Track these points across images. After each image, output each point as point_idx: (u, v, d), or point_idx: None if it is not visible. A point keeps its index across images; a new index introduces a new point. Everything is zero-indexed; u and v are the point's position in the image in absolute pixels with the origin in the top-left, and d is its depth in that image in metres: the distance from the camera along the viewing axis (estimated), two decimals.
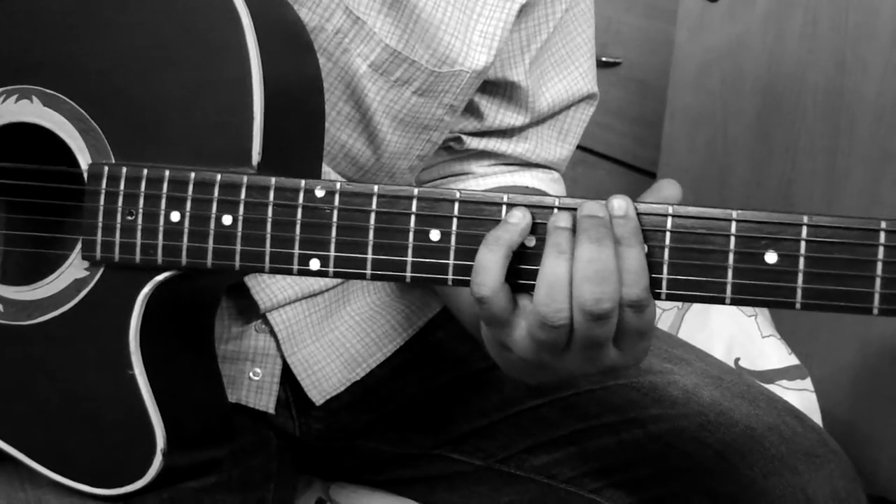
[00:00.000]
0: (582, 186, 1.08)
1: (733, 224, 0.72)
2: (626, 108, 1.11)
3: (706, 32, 1.82)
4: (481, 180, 1.06)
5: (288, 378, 1.03)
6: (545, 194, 1.04)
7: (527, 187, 1.06)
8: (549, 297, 0.73)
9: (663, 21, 1.92)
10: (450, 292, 1.00)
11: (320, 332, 1.03)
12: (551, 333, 0.74)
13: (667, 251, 0.73)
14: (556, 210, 0.74)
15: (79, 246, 0.83)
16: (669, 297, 0.74)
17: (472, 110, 1.04)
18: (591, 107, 1.08)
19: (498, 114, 1.04)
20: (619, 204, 0.73)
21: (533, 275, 0.75)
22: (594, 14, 1.08)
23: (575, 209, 0.74)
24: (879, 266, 0.70)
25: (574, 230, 0.73)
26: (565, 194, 1.09)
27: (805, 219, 0.72)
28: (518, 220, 0.74)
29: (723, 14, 1.80)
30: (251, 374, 1.01)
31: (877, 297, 0.71)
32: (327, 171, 0.97)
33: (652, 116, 1.95)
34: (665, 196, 0.75)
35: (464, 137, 1.04)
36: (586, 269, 0.72)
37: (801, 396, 1.32)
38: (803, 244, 0.72)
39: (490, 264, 0.74)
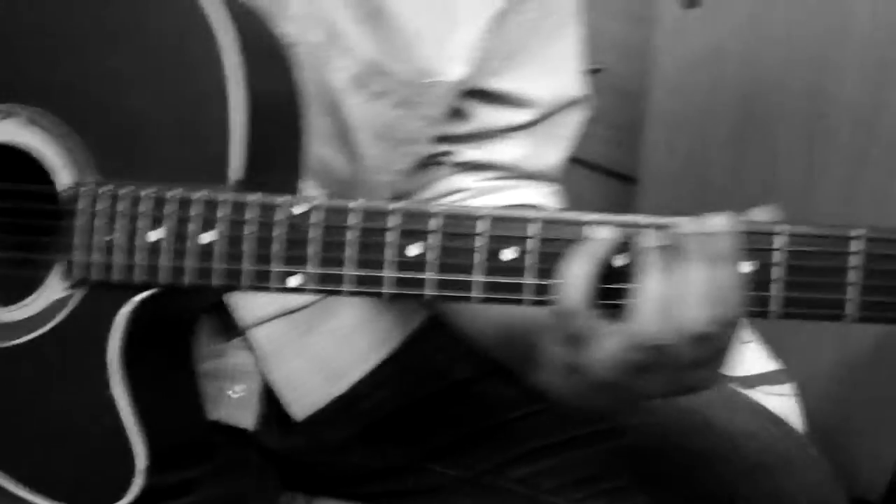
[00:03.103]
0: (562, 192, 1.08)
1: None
2: (607, 115, 1.11)
3: (685, 38, 1.82)
4: (482, 199, 1.03)
5: (268, 394, 1.02)
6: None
7: (528, 205, 1.04)
8: (653, 317, 0.71)
9: (642, 27, 1.92)
10: (468, 314, 0.99)
11: (302, 348, 1.03)
12: (648, 355, 0.72)
13: None
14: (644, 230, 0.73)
15: (58, 266, 0.83)
16: None
17: (458, 113, 1.02)
18: (584, 110, 1.07)
19: (486, 113, 1.02)
20: (723, 222, 0.72)
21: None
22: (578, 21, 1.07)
23: (660, 226, 0.74)
24: (852, 274, 0.71)
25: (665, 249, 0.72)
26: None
27: (779, 228, 0.72)
28: (607, 235, 0.73)
29: (701, 20, 1.80)
30: (231, 392, 1.01)
31: (849, 305, 0.71)
32: (307, 186, 0.97)
33: (632, 122, 1.95)
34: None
35: (455, 150, 1.03)
36: (698, 290, 0.71)
37: (782, 401, 1.33)
38: (779, 254, 0.72)
39: (579, 278, 0.72)
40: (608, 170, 2.06)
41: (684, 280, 0.71)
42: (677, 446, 1.00)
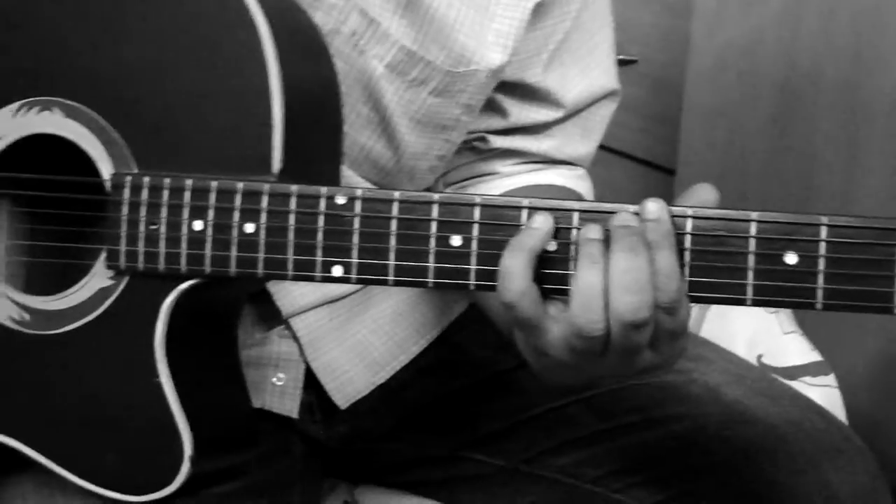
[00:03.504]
0: (599, 185, 1.08)
1: (753, 225, 0.73)
2: (643, 106, 1.10)
3: (722, 28, 1.81)
4: (507, 180, 1.06)
5: (311, 383, 1.03)
6: (573, 192, 1.05)
7: (553, 185, 1.06)
8: (585, 308, 0.73)
9: (678, 17, 1.92)
10: (480, 295, 1.01)
11: (343, 337, 1.03)
12: (588, 343, 0.74)
13: (688, 254, 0.74)
14: (575, 214, 0.75)
15: (103, 255, 0.84)
16: (691, 300, 0.74)
17: (496, 108, 1.04)
18: (613, 103, 1.09)
19: (522, 111, 1.04)
20: (652, 207, 0.73)
21: (560, 279, 0.75)
22: (611, 12, 1.08)
23: (596, 212, 0.74)
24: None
25: (606, 240, 0.74)
26: (592, 190, 1.10)
27: (824, 219, 0.72)
28: (539, 224, 0.75)
29: (738, 9, 1.79)
30: (275, 380, 1.02)
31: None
32: (349, 175, 0.98)
33: (669, 113, 1.94)
34: (701, 200, 0.75)
35: (489, 137, 1.05)
36: (622, 279, 0.72)
37: (825, 392, 1.32)
38: (823, 245, 0.72)
39: (514, 269, 0.74)
40: (646, 161, 2.05)
41: (612, 269, 0.73)
42: (720, 437, 0.99)
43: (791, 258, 0.72)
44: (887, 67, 1.63)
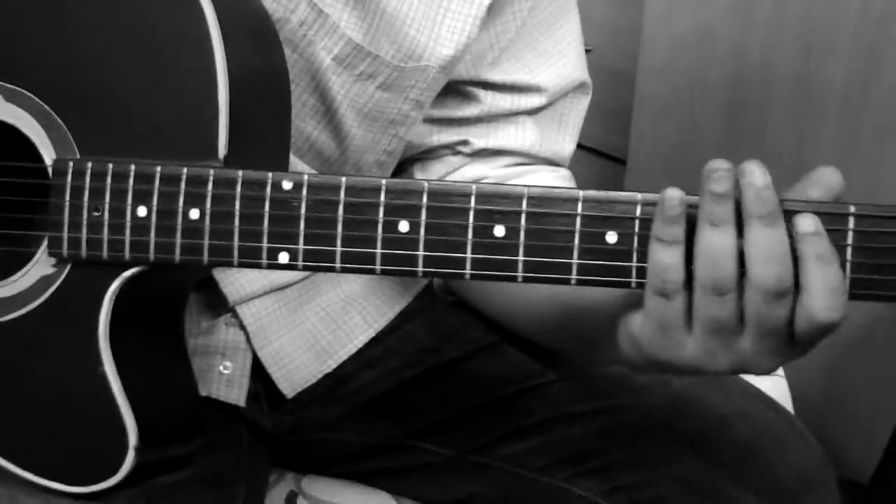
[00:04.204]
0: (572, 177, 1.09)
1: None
2: (596, 95, 1.10)
3: (674, 20, 1.82)
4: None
5: (259, 371, 1.02)
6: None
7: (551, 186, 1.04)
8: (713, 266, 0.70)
9: (632, 8, 1.92)
10: (506, 293, 0.99)
11: (291, 325, 1.03)
12: (720, 306, 0.71)
13: (636, 239, 0.74)
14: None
15: (45, 243, 0.83)
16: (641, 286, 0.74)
17: (466, 97, 1.02)
18: (585, 96, 1.07)
19: (494, 99, 1.03)
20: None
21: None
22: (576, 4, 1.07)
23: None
24: (849, 251, 0.71)
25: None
26: None
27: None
28: (673, 198, 0.72)
29: (690, 1, 1.80)
30: (221, 368, 1.01)
31: (847, 282, 0.71)
32: (294, 162, 0.97)
33: (622, 104, 1.95)
34: (826, 185, 0.72)
35: (471, 140, 1.03)
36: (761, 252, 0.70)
37: (773, 382, 1.32)
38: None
39: (672, 261, 0.71)
40: (599, 151, 2.06)
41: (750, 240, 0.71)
42: (668, 427, 1.00)
43: None
44: (837, 60, 1.64)
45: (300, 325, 1.04)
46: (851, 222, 0.71)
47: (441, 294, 1.10)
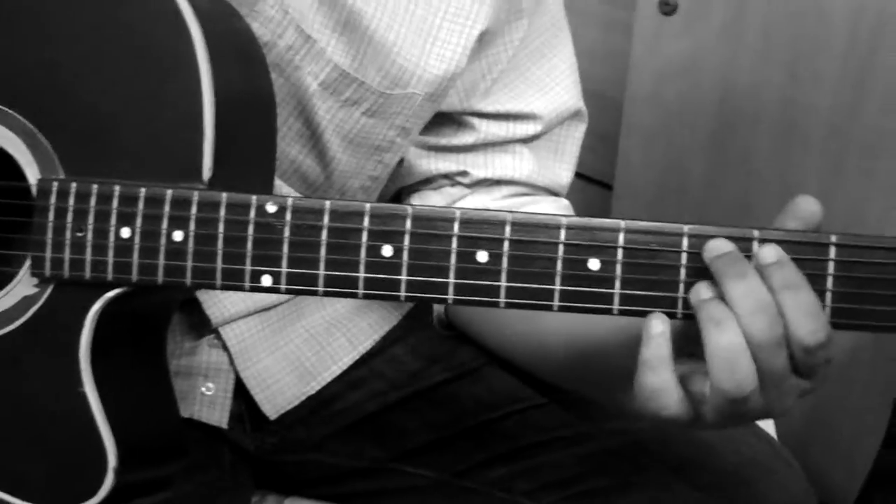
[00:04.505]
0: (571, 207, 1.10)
1: (685, 239, 0.73)
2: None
3: (661, 46, 1.82)
4: None
5: (241, 393, 1.02)
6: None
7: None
8: (730, 370, 0.69)
9: (620, 34, 1.93)
10: (509, 327, 0.99)
11: (274, 347, 1.03)
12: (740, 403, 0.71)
13: (619, 266, 0.74)
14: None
15: (28, 263, 0.82)
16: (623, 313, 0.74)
17: (463, 125, 1.03)
18: (581, 124, 1.07)
19: (490, 127, 1.02)
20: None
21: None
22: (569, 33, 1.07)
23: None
24: (830, 280, 0.71)
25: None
26: None
27: (756, 233, 0.72)
28: (660, 328, 0.71)
29: (678, 28, 1.80)
30: (204, 389, 1.01)
31: (827, 311, 0.71)
32: (279, 185, 0.97)
33: (609, 129, 1.95)
34: (804, 213, 0.72)
35: (469, 170, 1.03)
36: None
37: None
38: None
39: (666, 385, 0.71)
40: (587, 176, 2.06)
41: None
42: (655, 453, 1.00)
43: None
44: (824, 88, 1.65)
45: (284, 346, 1.03)
46: (832, 252, 0.71)
47: (440, 329, 1.09)
